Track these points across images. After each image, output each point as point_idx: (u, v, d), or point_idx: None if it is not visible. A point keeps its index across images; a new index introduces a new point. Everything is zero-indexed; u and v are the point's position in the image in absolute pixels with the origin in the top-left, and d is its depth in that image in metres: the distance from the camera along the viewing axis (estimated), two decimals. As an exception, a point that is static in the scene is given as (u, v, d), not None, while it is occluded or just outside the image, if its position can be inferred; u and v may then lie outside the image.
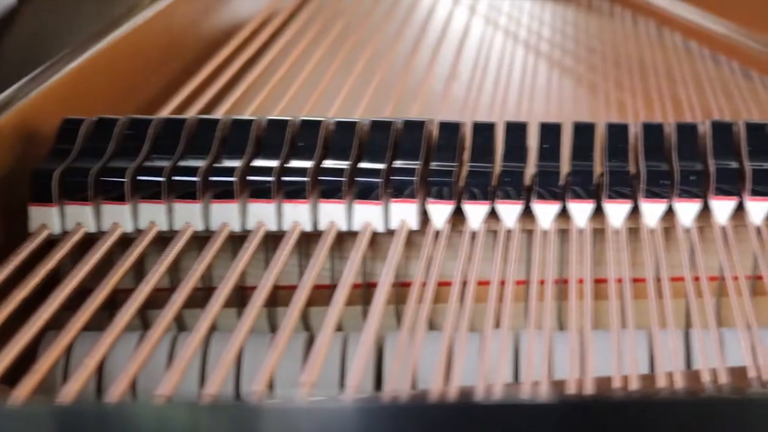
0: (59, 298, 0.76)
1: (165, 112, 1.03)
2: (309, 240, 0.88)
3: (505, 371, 0.81)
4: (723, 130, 0.91)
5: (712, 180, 0.87)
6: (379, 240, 0.89)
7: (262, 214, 0.86)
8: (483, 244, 0.86)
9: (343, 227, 0.87)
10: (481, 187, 0.87)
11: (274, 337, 0.73)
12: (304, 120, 0.90)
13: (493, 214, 0.88)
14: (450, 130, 0.91)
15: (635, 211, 0.88)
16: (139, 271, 0.84)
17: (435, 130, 0.91)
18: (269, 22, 1.29)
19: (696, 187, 0.87)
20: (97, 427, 0.62)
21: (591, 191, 0.88)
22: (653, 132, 0.91)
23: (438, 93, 1.15)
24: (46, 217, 0.85)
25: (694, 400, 0.65)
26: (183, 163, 0.87)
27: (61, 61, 0.99)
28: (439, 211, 0.87)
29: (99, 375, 0.82)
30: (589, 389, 0.71)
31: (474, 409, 0.63)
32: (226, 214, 0.86)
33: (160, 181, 0.85)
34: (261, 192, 0.86)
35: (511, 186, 0.88)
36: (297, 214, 0.86)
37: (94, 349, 0.71)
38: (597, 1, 1.42)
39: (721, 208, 0.87)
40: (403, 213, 0.87)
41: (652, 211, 0.87)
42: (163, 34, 1.16)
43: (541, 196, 0.88)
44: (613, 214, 0.88)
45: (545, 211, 0.87)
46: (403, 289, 0.88)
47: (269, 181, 0.86)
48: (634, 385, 0.71)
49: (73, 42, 1.03)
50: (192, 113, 1.03)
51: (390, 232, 0.87)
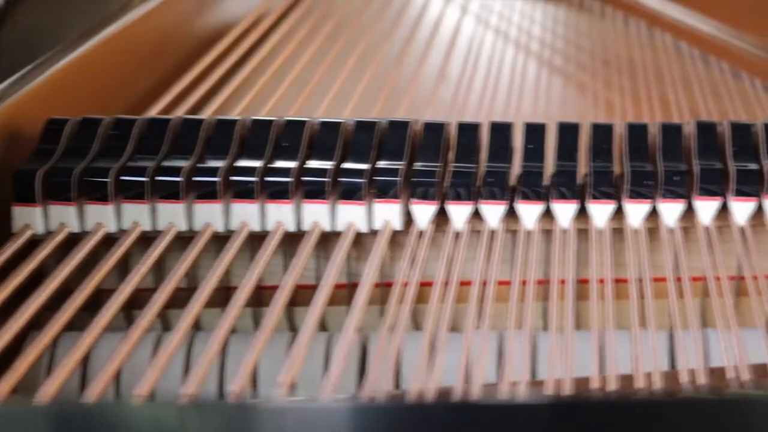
0: (41, 297, 0.76)
1: (153, 112, 1.03)
2: (295, 240, 0.88)
3: (487, 371, 0.81)
4: (708, 131, 0.91)
5: (696, 180, 0.87)
6: (365, 240, 0.89)
7: (246, 215, 0.86)
8: (466, 244, 0.86)
9: (327, 227, 0.87)
10: (465, 188, 0.87)
11: (254, 337, 0.74)
12: (288, 120, 0.90)
13: (477, 215, 0.88)
14: (434, 130, 0.91)
15: (620, 212, 0.88)
16: (123, 271, 0.84)
17: (420, 130, 0.91)
18: (260, 21, 1.29)
19: (680, 187, 0.87)
20: (74, 427, 0.62)
21: (575, 191, 0.88)
22: (638, 132, 0.91)
23: (427, 92, 1.15)
24: (29, 217, 0.85)
25: (672, 401, 0.65)
26: (167, 163, 0.87)
27: (49, 60, 0.99)
28: (423, 212, 0.87)
29: (83, 375, 0.82)
30: (568, 390, 0.71)
31: (454, 409, 0.64)
32: (209, 215, 0.86)
33: (143, 181, 0.85)
34: (245, 192, 0.86)
35: (495, 186, 0.88)
36: (281, 215, 0.86)
37: (74, 349, 0.71)
38: (588, 1, 1.42)
39: (705, 208, 0.88)
40: (387, 213, 0.87)
41: (636, 211, 0.87)
42: (153, 33, 1.16)
43: (525, 196, 0.88)
44: (596, 215, 0.88)
45: (529, 212, 0.88)
46: (388, 289, 0.88)
47: (253, 182, 0.86)
48: (613, 385, 0.71)
49: (63, 41, 1.03)
50: (181, 113, 1.03)
51: (374, 233, 0.87)
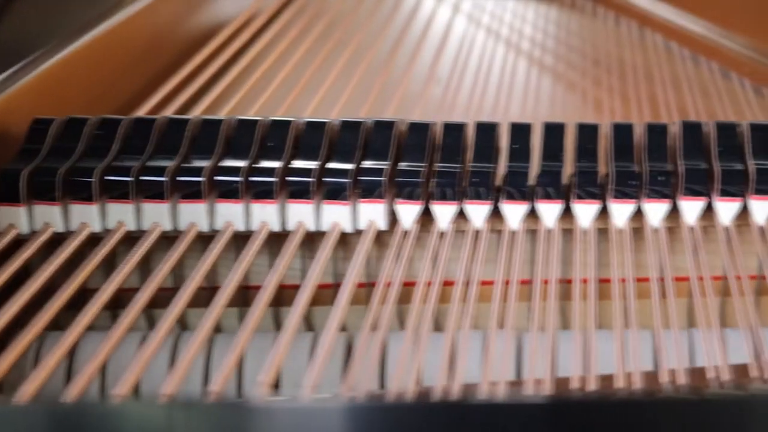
0: (24, 296, 0.76)
1: (142, 112, 1.03)
2: (281, 240, 0.88)
3: (470, 371, 0.81)
4: (693, 131, 0.91)
5: (681, 180, 0.87)
6: (351, 240, 0.89)
7: (231, 214, 0.86)
8: (451, 244, 0.86)
9: (312, 227, 0.87)
10: (450, 188, 0.88)
11: (236, 337, 0.74)
12: (273, 120, 0.91)
13: (462, 214, 0.88)
14: (419, 130, 0.91)
15: (605, 211, 0.88)
16: (107, 271, 0.84)
17: (405, 130, 0.91)
18: (252, 21, 1.29)
19: (665, 187, 0.88)
20: (54, 426, 0.62)
21: (560, 191, 0.88)
22: (623, 132, 0.91)
23: (417, 92, 1.15)
24: (14, 217, 0.85)
25: (651, 401, 0.65)
26: (152, 163, 0.87)
27: (38, 59, 0.99)
28: (408, 212, 0.87)
29: (68, 374, 0.83)
30: (547, 390, 0.71)
31: (435, 408, 0.64)
32: (194, 214, 0.86)
33: (128, 181, 0.85)
34: (229, 192, 0.86)
35: (480, 186, 0.88)
36: (265, 215, 0.86)
37: (57, 348, 0.71)
38: (581, 0, 1.42)
39: (690, 208, 0.88)
40: (372, 213, 0.87)
41: (621, 211, 0.88)
42: (144, 32, 1.16)
43: (511, 196, 0.88)
44: (581, 215, 0.88)
45: (514, 212, 0.88)
46: (374, 288, 0.88)
47: (237, 182, 0.86)
48: (594, 385, 0.71)
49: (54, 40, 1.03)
50: (170, 112, 1.03)
51: (359, 233, 0.87)
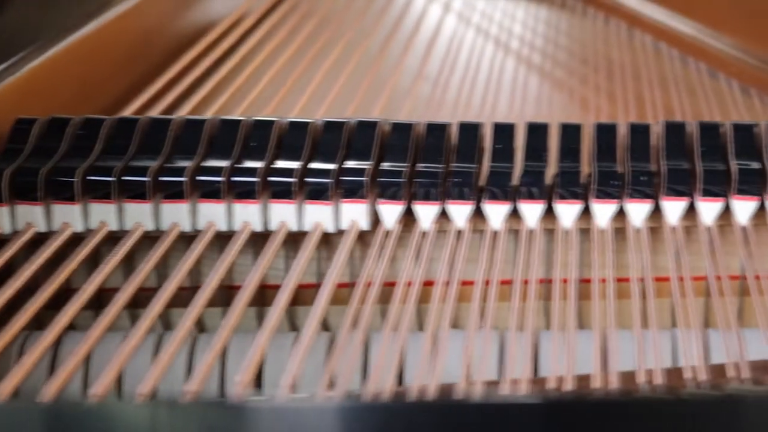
0: (5, 296, 0.76)
1: (128, 112, 1.03)
2: (264, 240, 0.88)
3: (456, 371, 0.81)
4: (676, 131, 0.91)
5: (663, 180, 0.88)
6: (335, 240, 0.89)
7: (213, 214, 0.87)
8: (433, 244, 0.86)
9: (294, 227, 0.87)
10: (432, 188, 0.88)
11: (214, 336, 0.74)
12: (257, 120, 0.91)
13: (445, 214, 0.88)
14: (402, 130, 0.91)
15: (587, 211, 0.88)
16: (90, 271, 0.84)
17: (388, 130, 0.92)
18: (242, 21, 1.29)
19: (647, 187, 0.88)
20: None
21: (543, 191, 0.88)
22: (606, 132, 0.92)
23: (405, 91, 1.15)
24: (-4, 217, 0.85)
25: (629, 401, 0.66)
26: (134, 163, 0.87)
27: (23, 59, 0.99)
28: (390, 212, 0.88)
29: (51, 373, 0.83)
30: (523, 389, 0.71)
31: (415, 408, 0.64)
32: (176, 214, 0.86)
33: (110, 181, 0.86)
34: (211, 192, 0.86)
35: (463, 186, 0.88)
36: (247, 215, 0.87)
37: (35, 348, 0.71)
38: (571, 0, 1.42)
39: (672, 208, 0.88)
40: (354, 213, 0.87)
41: (603, 211, 0.88)
42: (133, 32, 1.16)
43: (493, 196, 0.88)
44: (564, 215, 0.88)
45: (496, 212, 0.88)
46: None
47: (219, 182, 0.86)
48: (569, 385, 0.71)
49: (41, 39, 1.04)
50: (156, 113, 1.03)
51: (341, 233, 0.87)
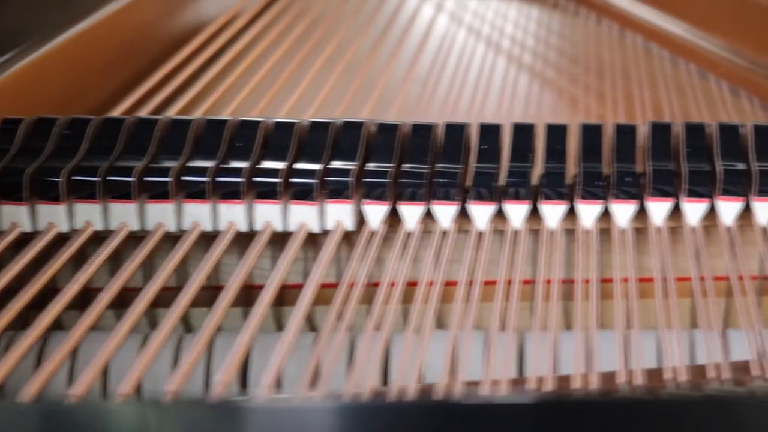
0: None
1: (118, 112, 1.03)
2: (251, 240, 0.88)
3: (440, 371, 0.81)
4: (662, 131, 0.91)
5: (648, 181, 0.88)
6: (321, 240, 0.89)
7: (198, 215, 0.87)
8: (418, 244, 0.86)
9: (279, 228, 0.87)
10: (418, 188, 0.88)
11: (196, 337, 0.74)
12: (242, 120, 0.91)
13: (430, 215, 0.88)
14: (388, 130, 0.91)
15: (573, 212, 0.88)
16: (74, 270, 0.84)
17: (374, 130, 0.92)
18: (234, 21, 1.29)
19: (632, 188, 0.88)
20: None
21: (529, 192, 0.88)
22: (592, 133, 0.92)
23: (395, 91, 1.15)
24: (-19, 217, 0.85)
25: (606, 401, 0.66)
26: (119, 163, 0.87)
27: (13, 58, 0.99)
28: (375, 212, 0.88)
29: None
30: (503, 390, 0.71)
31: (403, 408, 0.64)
32: (161, 215, 0.86)
33: (95, 181, 0.86)
34: (196, 192, 0.86)
35: (448, 187, 0.88)
36: (233, 215, 0.87)
37: (16, 348, 0.71)
38: (563, 1, 1.42)
39: (658, 209, 0.88)
40: (339, 214, 0.87)
41: (588, 212, 0.88)
42: (123, 32, 1.16)
43: (479, 197, 0.88)
44: (549, 215, 0.88)
45: (481, 212, 0.88)
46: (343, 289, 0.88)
47: (204, 182, 0.86)
48: (549, 386, 0.72)
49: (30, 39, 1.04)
50: (145, 112, 1.04)
51: (327, 233, 0.87)
